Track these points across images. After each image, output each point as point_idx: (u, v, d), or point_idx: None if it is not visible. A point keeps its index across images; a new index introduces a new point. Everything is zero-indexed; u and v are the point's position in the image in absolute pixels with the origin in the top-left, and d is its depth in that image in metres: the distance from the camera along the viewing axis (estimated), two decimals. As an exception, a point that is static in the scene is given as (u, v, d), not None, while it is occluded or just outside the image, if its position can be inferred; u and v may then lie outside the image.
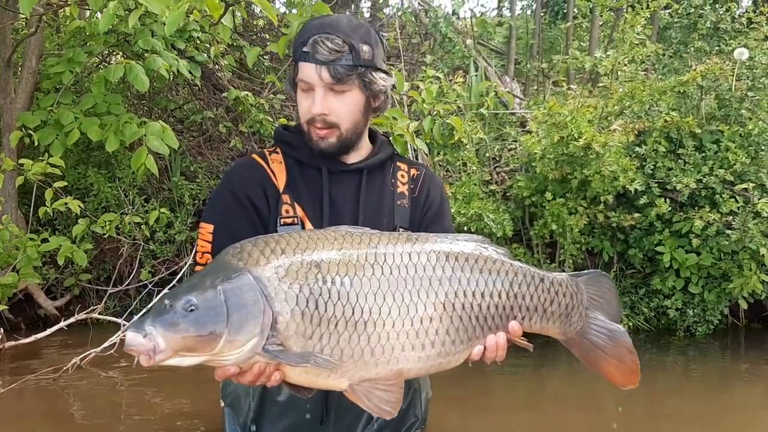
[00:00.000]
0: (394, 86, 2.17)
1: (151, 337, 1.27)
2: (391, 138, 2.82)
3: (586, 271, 1.68)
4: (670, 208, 3.72)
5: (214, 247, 1.92)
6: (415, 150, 3.92)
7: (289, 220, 1.90)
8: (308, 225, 1.92)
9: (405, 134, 3.24)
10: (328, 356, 1.36)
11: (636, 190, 3.68)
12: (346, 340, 1.37)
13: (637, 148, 3.81)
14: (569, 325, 1.62)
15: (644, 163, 3.81)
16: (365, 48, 1.82)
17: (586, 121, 3.65)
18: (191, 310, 1.29)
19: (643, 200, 3.73)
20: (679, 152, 3.85)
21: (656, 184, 3.75)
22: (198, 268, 1.96)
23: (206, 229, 1.95)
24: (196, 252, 1.98)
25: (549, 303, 1.58)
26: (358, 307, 1.38)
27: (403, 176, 2.03)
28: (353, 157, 1.96)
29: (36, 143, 3.72)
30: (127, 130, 3.74)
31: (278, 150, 1.99)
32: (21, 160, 3.41)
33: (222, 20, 3.07)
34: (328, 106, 1.84)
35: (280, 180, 1.93)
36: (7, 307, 3.35)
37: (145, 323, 1.27)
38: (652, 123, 3.83)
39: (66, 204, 3.38)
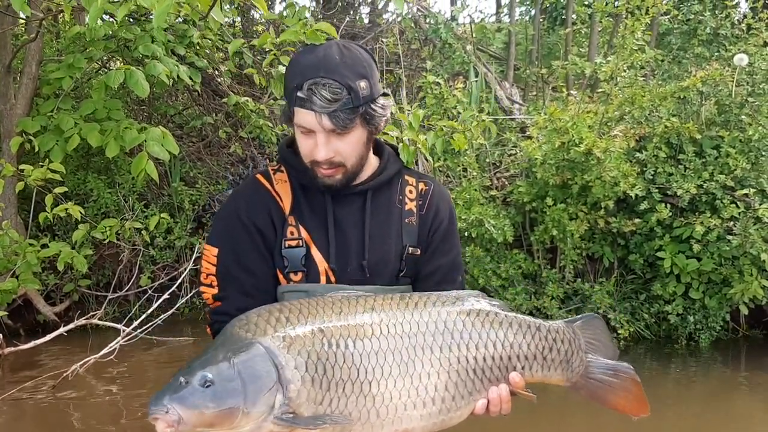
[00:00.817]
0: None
1: (173, 411, 1.29)
2: (399, 147, 2.79)
3: (579, 316, 1.70)
4: (670, 214, 3.72)
5: (218, 271, 1.92)
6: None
7: (293, 243, 1.89)
8: (313, 249, 1.90)
9: (419, 143, 3.25)
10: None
11: (637, 195, 3.68)
12: (353, 403, 1.41)
13: (638, 154, 3.81)
14: (571, 371, 1.64)
15: (645, 169, 3.81)
16: (363, 84, 1.75)
17: (587, 127, 3.65)
18: (208, 386, 1.32)
19: (643, 206, 3.73)
20: (679, 158, 3.85)
21: (657, 190, 3.75)
22: (203, 288, 1.96)
23: (211, 252, 1.94)
24: (200, 273, 1.97)
25: (548, 351, 1.59)
26: (362, 368, 1.42)
27: (411, 191, 2.00)
28: (358, 178, 1.92)
29: (36, 149, 3.71)
30: (127, 136, 3.73)
31: (283, 169, 1.97)
32: (21, 166, 3.40)
33: (212, 13, 3.04)
34: (333, 149, 1.79)
35: (286, 202, 1.92)
36: (6, 313, 3.33)
37: (164, 400, 1.29)
38: (652, 129, 3.83)
39: (66, 209, 3.37)
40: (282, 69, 3.85)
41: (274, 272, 1.94)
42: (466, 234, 3.72)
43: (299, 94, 1.74)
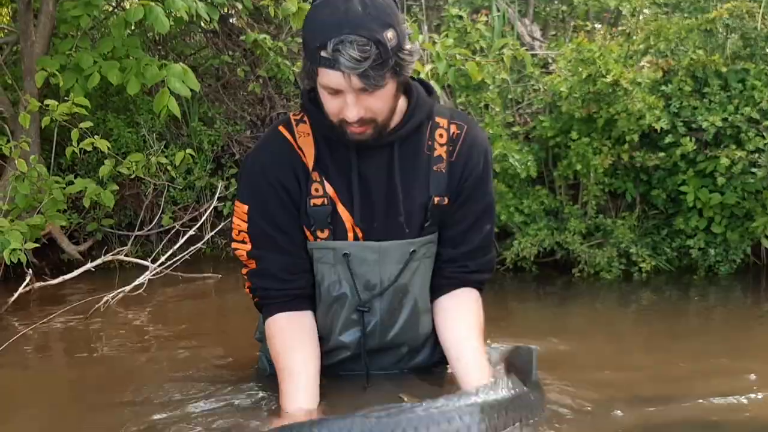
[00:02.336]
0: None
1: None
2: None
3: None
4: (695, 148, 3.70)
5: (250, 228, 1.93)
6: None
7: (318, 201, 1.88)
8: (339, 205, 1.89)
9: (422, 73, 3.21)
10: None
11: (661, 129, 3.65)
12: None
13: (663, 87, 3.78)
14: None
15: (669, 102, 3.78)
16: (390, 35, 1.64)
17: (613, 60, 3.61)
18: None
19: (668, 139, 3.71)
20: (704, 91, 3.81)
21: (681, 123, 3.73)
22: (235, 245, 1.97)
23: (241, 209, 1.95)
24: (232, 229, 1.99)
25: None
26: None
27: (441, 135, 1.92)
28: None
29: (58, 86, 3.70)
30: (147, 73, 3.72)
31: (305, 119, 1.91)
32: (46, 101, 3.40)
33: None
34: (363, 107, 1.72)
35: (309, 156, 1.88)
36: (37, 245, 3.36)
37: None
38: (678, 61, 3.79)
39: (93, 144, 3.37)
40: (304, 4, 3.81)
41: (302, 226, 1.93)
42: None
43: (323, 54, 1.64)
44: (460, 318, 1.99)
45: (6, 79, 4.16)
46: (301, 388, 1.85)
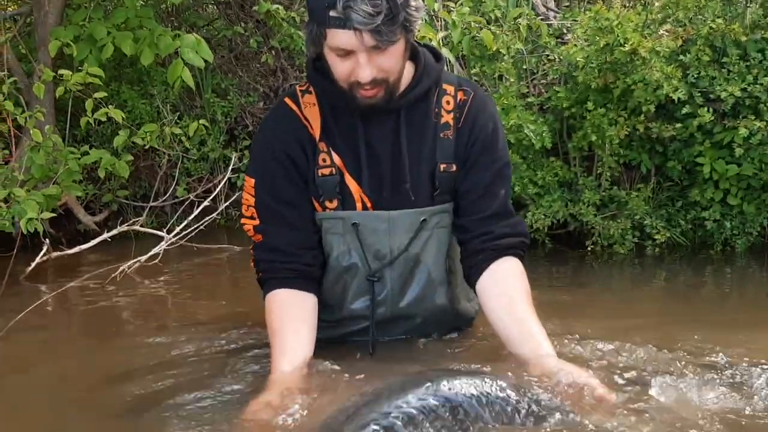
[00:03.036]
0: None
1: None
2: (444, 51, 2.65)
3: None
4: (712, 119, 3.66)
5: (257, 203, 1.93)
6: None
7: (326, 171, 1.87)
8: (346, 175, 1.88)
9: (432, 39, 3.17)
10: None
11: (679, 99, 3.61)
12: None
13: (681, 57, 3.72)
14: None
15: (687, 72, 3.72)
16: None
17: (631, 29, 3.56)
18: None
19: (685, 110, 3.67)
20: (722, 61, 3.76)
21: (699, 94, 3.68)
22: (244, 220, 1.97)
23: (249, 183, 1.95)
24: (242, 204, 1.98)
25: None
26: None
27: (448, 102, 1.91)
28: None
29: (71, 58, 3.70)
30: (161, 43, 3.72)
31: (311, 90, 1.90)
32: (60, 71, 3.40)
33: None
34: (376, 67, 1.70)
35: (315, 127, 1.87)
36: (54, 215, 3.39)
37: None
38: (696, 31, 3.73)
39: (107, 114, 3.38)
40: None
41: (311, 198, 1.92)
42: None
43: (332, 13, 1.62)
44: (499, 295, 1.89)
45: (20, 50, 4.17)
46: (296, 365, 1.81)
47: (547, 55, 4.13)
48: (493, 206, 1.94)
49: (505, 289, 1.89)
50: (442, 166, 1.89)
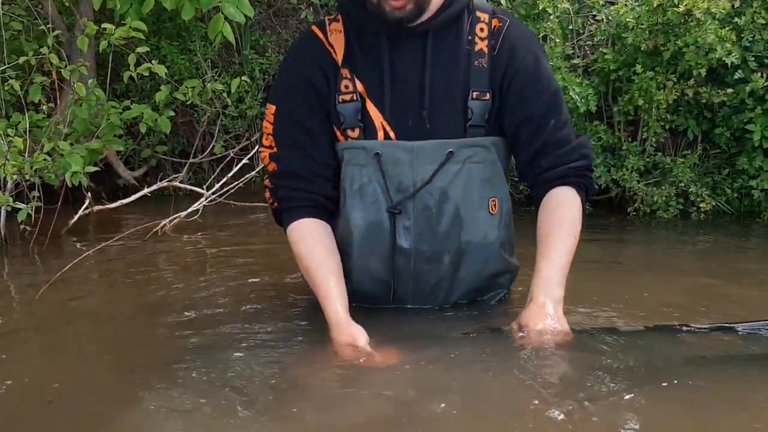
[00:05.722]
0: None
1: None
2: None
3: None
4: (765, 84, 3.53)
5: (275, 129, 1.89)
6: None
7: (347, 97, 1.83)
8: (368, 102, 1.82)
9: None
10: None
11: (732, 63, 3.49)
12: None
13: (735, 19, 3.59)
14: None
15: (742, 36, 3.60)
16: None
17: (684, -10, 3.44)
18: None
19: (737, 75, 3.55)
20: (779, 24, 3.62)
21: (753, 59, 3.56)
22: (262, 149, 1.93)
23: (270, 110, 1.91)
24: (262, 133, 1.94)
25: None
26: None
27: (482, 29, 1.82)
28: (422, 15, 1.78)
29: (112, 12, 3.68)
30: (202, -3, 3.67)
31: (339, 18, 1.86)
32: (103, 25, 3.39)
33: None
34: None
35: (339, 53, 1.83)
36: (95, 168, 3.41)
37: None
38: (753, -8, 3.60)
39: (149, 69, 3.37)
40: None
41: (331, 129, 1.88)
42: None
43: None
44: (539, 230, 1.85)
45: (63, 2, 4.16)
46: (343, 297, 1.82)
47: (594, 16, 4.02)
48: (541, 138, 1.85)
49: (542, 223, 1.87)
50: (475, 94, 1.82)
